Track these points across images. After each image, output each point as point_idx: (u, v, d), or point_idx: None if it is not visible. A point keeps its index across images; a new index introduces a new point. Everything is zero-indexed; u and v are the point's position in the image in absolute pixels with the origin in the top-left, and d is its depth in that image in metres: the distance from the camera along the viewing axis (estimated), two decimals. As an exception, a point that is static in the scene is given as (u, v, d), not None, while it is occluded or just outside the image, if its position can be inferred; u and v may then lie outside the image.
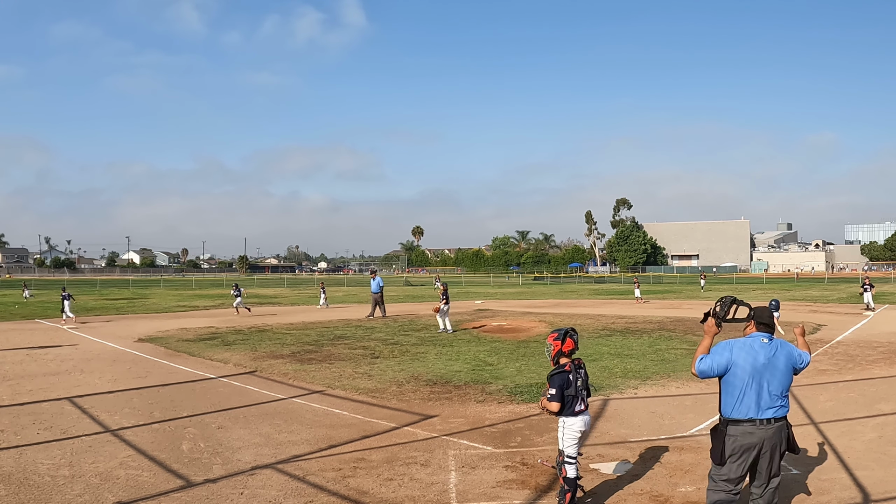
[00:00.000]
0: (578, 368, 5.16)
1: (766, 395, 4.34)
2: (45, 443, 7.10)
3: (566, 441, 5.06)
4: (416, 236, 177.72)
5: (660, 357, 12.95)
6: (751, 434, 4.33)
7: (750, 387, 4.34)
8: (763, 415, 4.34)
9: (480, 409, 8.71)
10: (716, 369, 4.41)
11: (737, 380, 4.36)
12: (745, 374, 4.35)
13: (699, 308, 27.58)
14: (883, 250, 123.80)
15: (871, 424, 7.55)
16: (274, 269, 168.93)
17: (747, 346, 4.44)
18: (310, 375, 11.29)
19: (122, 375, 11.48)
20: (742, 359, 4.37)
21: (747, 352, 4.40)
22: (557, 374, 5.07)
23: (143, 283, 78.79)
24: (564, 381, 5.03)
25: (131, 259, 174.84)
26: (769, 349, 4.43)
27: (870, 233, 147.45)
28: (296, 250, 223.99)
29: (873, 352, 13.35)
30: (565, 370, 5.08)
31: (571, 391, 5.03)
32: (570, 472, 5.02)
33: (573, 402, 5.05)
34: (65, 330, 19.62)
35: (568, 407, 5.03)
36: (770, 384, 4.36)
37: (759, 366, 4.36)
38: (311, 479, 5.89)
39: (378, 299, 23.89)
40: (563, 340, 5.18)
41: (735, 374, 4.37)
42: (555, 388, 5.01)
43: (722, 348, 4.45)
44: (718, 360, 4.41)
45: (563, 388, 5.01)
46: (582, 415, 5.11)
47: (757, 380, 4.34)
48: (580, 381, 5.10)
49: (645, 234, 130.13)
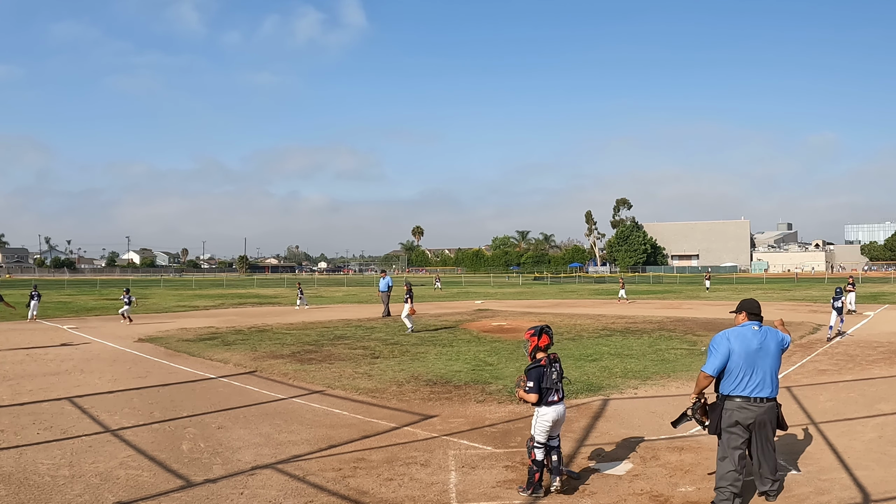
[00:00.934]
0: (553, 363, 5.50)
1: (759, 376, 4.94)
2: (45, 443, 7.10)
3: (538, 429, 5.49)
4: (416, 236, 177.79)
5: (660, 357, 12.95)
6: (745, 409, 4.95)
7: (744, 370, 4.93)
8: (757, 393, 4.95)
9: (480, 409, 8.71)
10: (723, 359, 4.98)
11: (734, 364, 4.95)
12: (740, 359, 4.94)
13: (699, 308, 27.60)
14: (883, 250, 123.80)
15: (871, 424, 7.55)
16: (274, 269, 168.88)
17: (741, 334, 5.05)
18: (310, 375, 11.29)
19: (122, 375, 11.48)
20: (738, 345, 4.98)
21: (742, 339, 5.01)
22: (534, 368, 5.46)
23: (144, 283, 78.77)
24: (540, 375, 5.42)
25: (131, 259, 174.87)
26: (760, 335, 5.04)
27: (870, 233, 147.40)
28: (296, 250, 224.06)
29: (873, 352, 13.35)
30: (541, 364, 5.46)
31: (547, 384, 5.42)
32: (538, 456, 5.46)
33: (548, 393, 5.44)
34: (65, 330, 19.62)
35: (543, 398, 5.43)
36: (762, 366, 4.96)
37: (752, 351, 4.96)
38: (311, 479, 5.89)
39: (385, 298, 24.17)
40: (539, 336, 5.54)
41: (733, 359, 4.96)
42: (532, 380, 5.41)
43: (721, 340, 5.05)
44: (722, 352, 4.99)
45: (540, 381, 5.41)
46: (556, 405, 5.49)
47: (750, 363, 4.94)
48: (555, 375, 5.47)
49: (645, 234, 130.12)
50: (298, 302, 30.78)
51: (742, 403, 4.94)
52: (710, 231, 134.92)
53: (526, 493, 5.46)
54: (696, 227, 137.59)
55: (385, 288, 24.33)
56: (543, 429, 5.46)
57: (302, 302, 30.78)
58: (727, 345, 4.99)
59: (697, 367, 11.54)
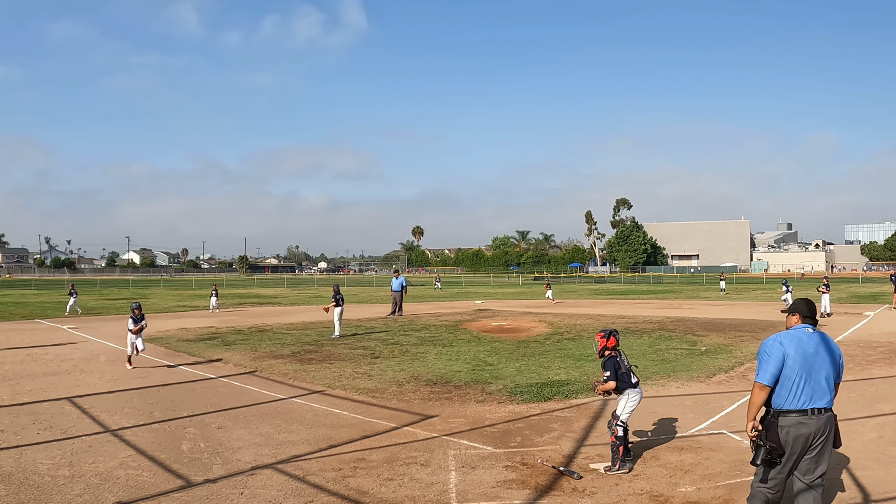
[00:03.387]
0: (623, 357, 6.34)
1: (817, 384, 4.35)
2: (45, 443, 7.10)
3: (626, 409, 6.14)
4: (416, 236, 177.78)
5: (660, 357, 12.94)
6: (803, 424, 4.31)
7: (802, 377, 4.34)
8: (814, 404, 4.32)
9: (480, 409, 8.71)
10: (779, 366, 4.39)
11: (790, 371, 4.35)
12: (796, 365, 4.35)
13: (700, 308, 27.58)
14: (883, 250, 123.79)
15: (871, 424, 7.55)
16: (274, 269, 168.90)
17: (796, 337, 4.47)
18: (310, 375, 11.29)
19: (122, 375, 11.48)
20: (794, 349, 4.39)
21: (797, 343, 4.42)
22: (609, 359, 6.25)
23: (143, 283, 78.80)
24: (616, 364, 6.20)
25: (131, 259, 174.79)
26: (815, 339, 4.47)
27: (870, 233, 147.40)
28: (296, 250, 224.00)
29: (873, 352, 13.35)
30: (613, 355, 6.26)
31: (623, 369, 6.19)
32: (620, 433, 6.03)
33: (628, 377, 6.19)
34: (65, 330, 19.62)
35: (625, 382, 6.17)
36: (819, 373, 4.37)
37: (809, 356, 4.39)
38: (311, 479, 5.89)
39: (398, 297, 24.39)
40: (607, 338, 6.34)
41: (788, 365, 4.37)
42: (609, 370, 6.19)
43: (773, 345, 4.46)
44: (776, 357, 4.40)
45: (617, 370, 6.16)
46: (638, 386, 6.27)
47: (807, 370, 4.35)
48: (626, 362, 6.30)
49: (645, 234, 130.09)
50: (213, 304, 28.33)
51: (799, 418, 4.31)
52: (710, 231, 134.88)
53: (614, 470, 5.97)
54: (696, 227, 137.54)
55: (399, 287, 24.63)
56: (631, 408, 6.15)
57: (215, 306, 28.29)
58: (781, 349, 4.41)
59: (697, 368, 11.58)
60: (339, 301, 17.35)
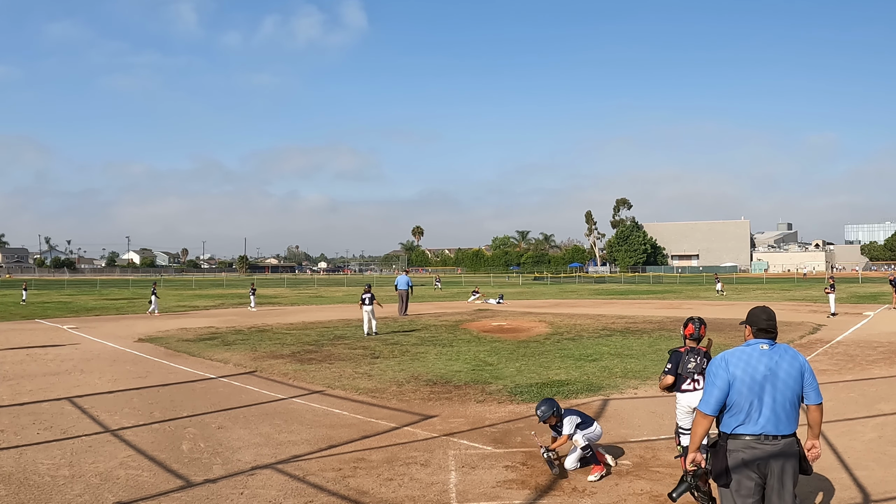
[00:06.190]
0: (694, 353, 5.73)
1: (769, 409, 3.75)
2: (45, 443, 7.10)
3: (679, 414, 5.74)
4: (416, 236, 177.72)
5: (660, 357, 12.93)
6: (754, 449, 3.75)
7: (751, 403, 3.77)
8: (767, 430, 3.75)
9: (480, 409, 8.71)
10: (724, 391, 3.81)
11: (738, 395, 3.79)
12: (744, 388, 3.78)
13: (700, 308, 27.53)
14: (883, 250, 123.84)
15: (871, 424, 7.55)
16: (274, 269, 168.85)
17: (745, 356, 3.88)
18: (310, 375, 11.29)
19: (122, 375, 11.48)
20: (741, 370, 3.81)
21: (745, 363, 3.83)
22: (674, 352, 5.82)
23: (143, 283, 78.73)
24: (677, 360, 5.72)
25: (131, 259, 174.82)
26: (770, 357, 3.83)
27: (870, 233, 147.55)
28: (296, 250, 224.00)
29: (873, 352, 13.35)
30: (680, 351, 5.78)
31: (682, 371, 5.67)
32: (683, 441, 5.67)
33: (681, 380, 5.69)
34: (65, 330, 19.62)
35: (679, 384, 5.69)
36: (773, 396, 3.76)
37: (760, 377, 3.78)
38: (311, 479, 5.89)
39: (404, 296, 24.50)
40: (685, 326, 5.95)
41: (736, 388, 3.80)
42: (670, 363, 5.75)
43: (717, 368, 3.89)
44: (720, 385, 3.82)
45: (676, 366, 5.68)
46: (689, 393, 5.64)
47: (757, 394, 3.77)
48: (692, 365, 5.67)
49: (645, 234, 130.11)
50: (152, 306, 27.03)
51: (751, 442, 3.74)
52: (710, 231, 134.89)
53: None
54: (696, 227, 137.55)
55: (405, 286, 24.65)
56: (683, 413, 5.67)
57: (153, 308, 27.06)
58: (724, 374, 3.81)
59: (697, 367, 11.58)
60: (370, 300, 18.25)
